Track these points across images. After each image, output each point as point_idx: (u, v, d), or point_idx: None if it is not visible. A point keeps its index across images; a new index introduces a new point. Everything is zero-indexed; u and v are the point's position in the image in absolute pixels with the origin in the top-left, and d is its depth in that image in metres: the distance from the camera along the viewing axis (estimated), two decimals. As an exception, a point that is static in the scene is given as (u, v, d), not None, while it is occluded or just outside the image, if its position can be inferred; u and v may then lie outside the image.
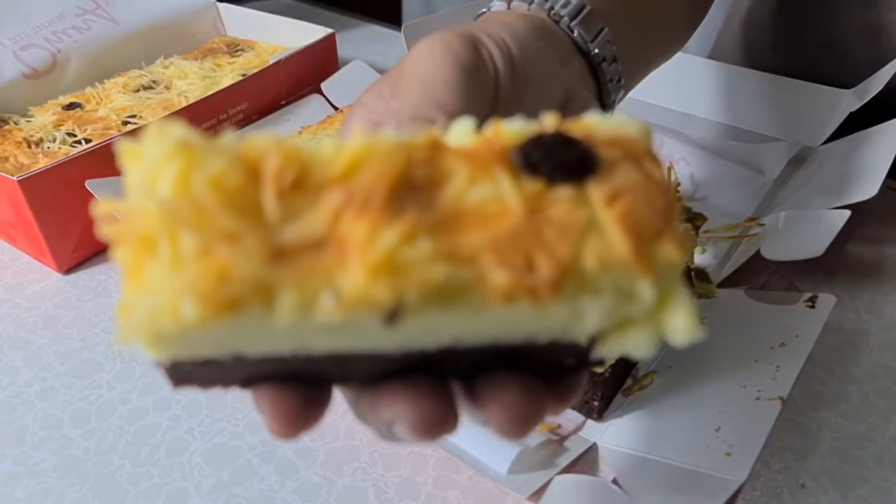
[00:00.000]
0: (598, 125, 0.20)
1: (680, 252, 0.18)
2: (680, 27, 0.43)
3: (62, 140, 0.58)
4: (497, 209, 0.18)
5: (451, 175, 0.18)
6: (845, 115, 0.54)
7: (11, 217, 0.52)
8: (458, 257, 0.17)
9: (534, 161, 0.18)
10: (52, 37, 0.65)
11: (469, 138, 0.20)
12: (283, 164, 0.17)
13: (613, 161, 0.19)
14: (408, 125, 0.25)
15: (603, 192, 0.18)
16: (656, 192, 0.18)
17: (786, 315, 0.43)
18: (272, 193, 0.17)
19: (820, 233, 0.42)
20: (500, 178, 0.18)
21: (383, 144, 0.18)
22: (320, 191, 0.17)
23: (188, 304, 0.16)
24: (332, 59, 0.70)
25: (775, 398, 0.37)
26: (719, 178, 0.56)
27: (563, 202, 0.18)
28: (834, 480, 0.38)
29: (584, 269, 0.17)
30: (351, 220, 0.17)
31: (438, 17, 0.65)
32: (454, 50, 0.27)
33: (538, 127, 0.20)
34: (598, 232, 0.18)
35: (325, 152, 0.18)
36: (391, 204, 0.17)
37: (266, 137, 0.18)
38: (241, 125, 0.63)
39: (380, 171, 0.17)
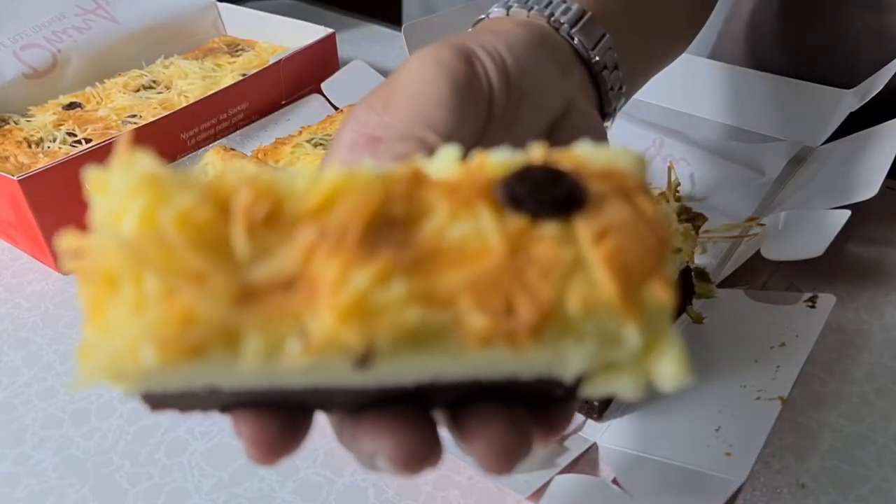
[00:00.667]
0: (590, 156, 0.19)
1: (670, 295, 0.17)
2: (682, 31, 0.42)
3: (62, 140, 0.58)
4: (477, 247, 0.17)
5: (431, 210, 0.17)
6: (845, 115, 0.54)
7: (11, 217, 0.52)
8: (434, 299, 0.16)
9: (518, 196, 0.17)
10: (53, 37, 0.65)
11: (452, 168, 0.19)
12: (255, 199, 0.17)
13: (603, 196, 0.18)
14: (397, 144, 0.24)
15: (590, 229, 0.17)
16: (647, 230, 0.17)
17: (786, 315, 0.43)
18: (242, 230, 0.16)
19: (820, 233, 0.42)
20: (481, 214, 0.17)
21: (360, 177, 0.17)
22: (293, 227, 0.17)
23: (148, 350, 0.15)
24: (332, 59, 0.70)
25: (775, 398, 0.37)
26: (719, 178, 0.56)
27: (547, 240, 0.17)
28: (834, 480, 0.38)
29: (566, 312, 0.16)
30: (323, 259, 0.16)
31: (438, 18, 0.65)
32: (446, 65, 0.26)
33: (525, 158, 0.19)
34: (584, 272, 0.17)
35: (300, 185, 0.17)
36: (366, 241, 0.16)
37: (238, 170, 0.18)
38: (241, 125, 0.63)
39: (355, 207, 0.17)
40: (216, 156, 0.52)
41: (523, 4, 0.32)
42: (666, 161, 0.57)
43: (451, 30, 0.65)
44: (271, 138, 0.58)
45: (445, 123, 0.25)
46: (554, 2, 0.32)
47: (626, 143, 0.35)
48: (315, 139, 0.55)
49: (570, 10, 0.32)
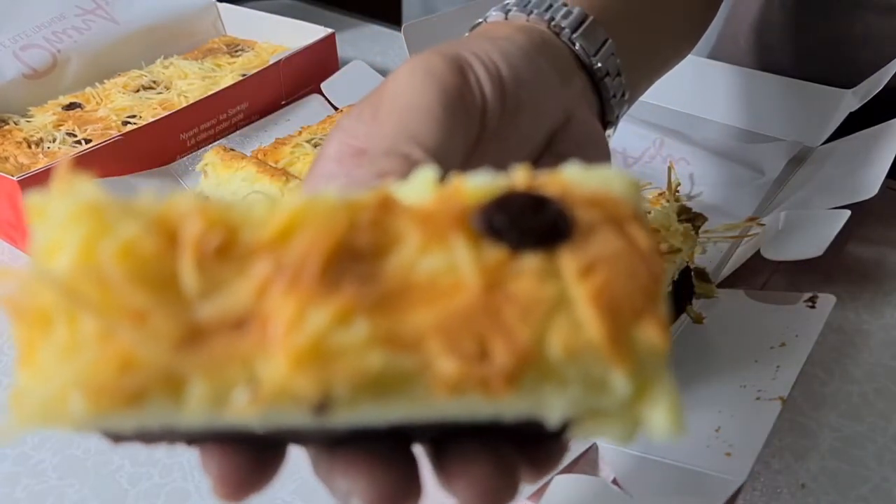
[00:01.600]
0: (579, 180, 0.17)
1: (663, 336, 0.15)
2: (686, 34, 0.41)
3: (62, 140, 0.58)
4: (450, 283, 0.15)
5: (401, 241, 0.16)
6: (845, 115, 0.54)
7: (11, 217, 0.52)
8: (400, 341, 0.15)
9: (497, 226, 0.16)
10: (52, 37, 0.65)
11: (427, 193, 0.17)
12: (206, 229, 0.15)
13: (592, 225, 0.16)
14: (380, 161, 0.23)
15: (576, 262, 0.15)
16: (639, 264, 0.16)
17: (786, 315, 0.43)
18: (190, 263, 0.15)
19: (820, 233, 0.42)
20: (456, 245, 0.16)
21: (322, 205, 0.16)
22: (247, 260, 0.15)
23: (78, 398, 0.14)
24: (332, 59, 0.70)
25: (775, 398, 0.37)
26: (719, 178, 0.56)
27: (528, 275, 0.15)
28: (834, 480, 0.38)
29: (547, 356, 0.15)
30: (278, 296, 0.15)
31: (438, 18, 0.65)
32: (437, 74, 0.25)
33: (506, 182, 0.17)
34: (568, 311, 0.15)
35: (257, 214, 0.16)
36: (327, 276, 0.15)
37: (189, 197, 0.16)
38: (240, 125, 0.63)
39: (315, 238, 0.15)
40: (216, 156, 0.52)
41: (522, 8, 0.31)
42: (666, 161, 0.57)
43: (451, 30, 0.65)
44: (271, 138, 0.58)
45: (433, 138, 0.23)
46: (554, 5, 0.31)
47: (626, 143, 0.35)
48: (315, 139, 0.55)
49: (572, 14, 0.31)
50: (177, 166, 0.58)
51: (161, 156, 0.57)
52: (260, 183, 0.49)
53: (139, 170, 0.55)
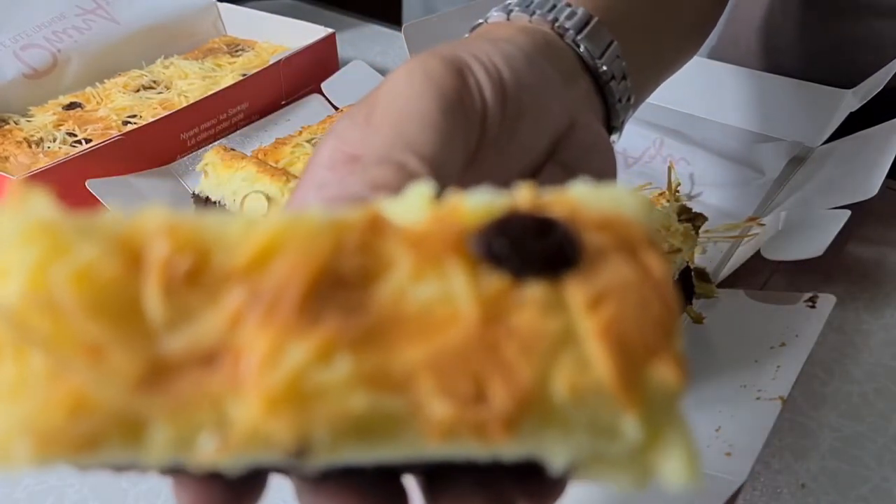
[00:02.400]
0: (587, 200, 0.16)
1: (680, 377, 0.14)
2: (691, 36, 0.40)
3: (62, 140, 0.58)
4: (444, 315, 0.14)
5: (391, 267, 0.14)
6: (845, 115, 0.54)
7: (11, 217, 0.52)
8: (388, 380, 0.13)
9: (497, 251, 0.14)
10: (53, 37, 0.65)
11: (421, 212, 0.15)
12: (175, 251, 0.14)
13: (601, 251, 0.15)
14: (373, 170, 0.21)
15: (584, 293, 0.14)
16: (653, 295, 0.14)
17: (786, 315, 0.43)
18: (156, 289, 0.13)
19: (820, 233, 0.42)
20: (452, 272, 0.14)
21: (304, 226, 0.14)
22: (219, 287, 0.14)
23: (23, 444, 0.13)
24: (332, 59, 0.70)
25: (775, 398, 0.37)
26: (719, 178, 0.56)
27: (531, 306, 0.14)
28: (834, 480, 0.38)
29: (551, 398, 0.14)
30: (253, 329, 0.13)
31: (438, 18, 0.65)
32: (435, 78, 0.23)
33: (508, 202, 0.16)
34: (575, 348, 0.14)
35: (233, 233, 0.14)
36: (307, 307, 0.13)
37: (156, 214, 0.14)
38: (241, 125, 0.63)
39: (295, 264, 0.14)
40: (216, 156, 0.52)
41: (524, 8, 0.30)
42: (666, 161, 0.57)
43: (451, 30, 0.65)
44: (271, 138, 0.58)
45: (430, 145, 0.22)
46: (558, 5, 0.30)
47: (627, 143, 0.34)
48: (315, 139, 0.55)
49: (576, 15, 0.29)
50: (177, 166, 0.58)
51: (161, 156, 0.57)
52: (260, 183, 0.49)
53: (139, 170, 0.55)
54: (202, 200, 0.53)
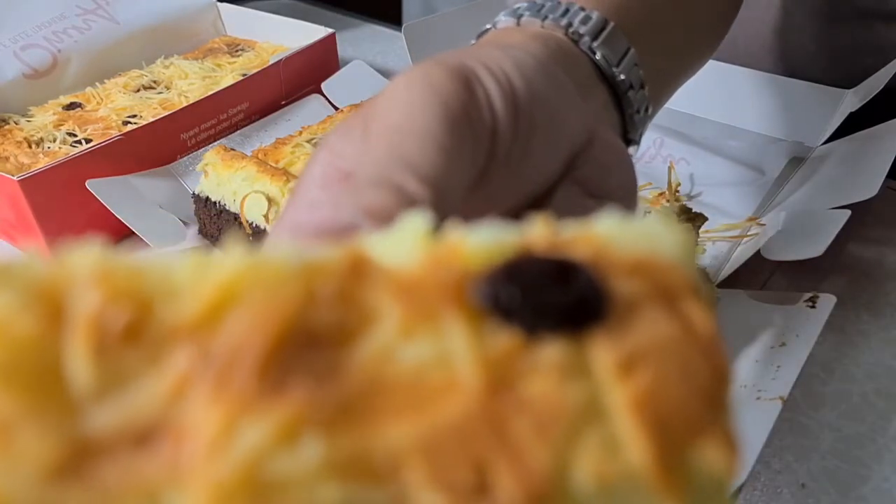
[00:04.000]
0: (615, 237, 0.13)
1: (731, 460, 0.12)
2: (708, 39, 0.38)
3: (62, 140, 0.58)
4: (440, 383, 0.11)
5: (375, 322, 0.12)
6: (845, 115, 0.54)
7: (11, 217, 0.52)
8: (368, 468, 0.11)
9: (506, 303, 0.12)
10: (53, 37, 0.65)
11: (415, 251, 0.13)
12: (108, 303, 0.11)
13: (633, 302, 0.12)
14: (368, 192, 0.19)
15: (613, 354, 0.12)
16: (697, 357, 0.12)
17: (786, 315, 0.43)
18: (82, 351, 0.11)
19: (820, 233, 0.42)
20: (449, 329, 0.12)
21: (270, 270, 0.12)
22: (162, 347, 0.11)
23: None
24: (332, 59, 0.70)
25: (775, 398, 0.37)
26: (719, 178, 0.56)
27: (547, 372, 0.11)
28: (834, 480, 0.38)
29: (572, 487, 0.11)
30: (201, 401, 0.11)
31: (438, 18, 0.65)
32: (438, 88, 0.21)
33: (519, 240, 0.13)
34: (602, 424, 0.11)
35: (180, 280, 0.12)
36: (269, 373, 0.11)
37: (87, 256, 0.12)
38: (241, 125, 0.63)
39: (257, 319, 0.11)
40: (216, 156, 0.52)
41: (536, 13, 0.28)
42: (666, 161, 0.57)
43: (451, 30, 0.65)
44: (271, 138, 0.58)
45: (431, 165, 0.19)
46: (571, 10, 0.28)
47: None
48: (315, 139, 0.55)
49: (591, 20, 0.27)
50: (177, 166, 0.58)
51: (161, 156, 0.57)
52: (260, 183, 0.49)
53: (139, 170, 0.55)
54: (202, 200, 0.53)
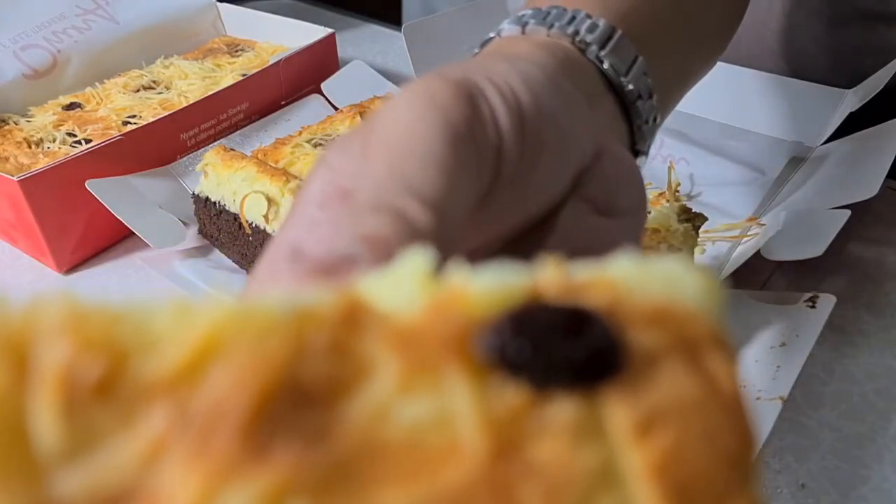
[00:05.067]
0: (633, 282, 0.12)
1: None
2: (715, 44, 0.37)
3: (62, 140, 0.58)
4: (440, 445, 0.10)
5: (370, 376, 0.11)
6: (845, 115, 0.54)
7: (11, 217, 0.52)
8: None
9: (513, 356, 0.11)
10: (53, 37, 0.65)
11: (415, 294, 0.12)
12: (79, 354, 0.10)
13: (653, 355, 0.11)
14: (367, 217, 0.18)
15: (630, 414, 0.11)
16: (721, 418, 0.11)
17: (786, 315, 0.43)
18: (49, 408, 0.10)
19: (820, 233, 0.42)
20: (451, 385, 0.11)
21: (257, 319, 0.11)
22: (137, 404, 0.10)
23: None
24: (332, 59, 0.70)
25: (775, 398, 0.37)
26: (719, 178, 0.56)
27: (558, 433, 0.10)
28: (834, 480, 0.38)
29: None
30: (178, 465, 0.10)
31: (438, 18, 0.65)
32: (441, 105, 0.20)
33: (529, 284, 0.12)
34: (617, 492, 0.10)
35: (159, 329, 0.11)
36: (254, 434, 0.10)
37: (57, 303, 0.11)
38: (241, 125, 0.63)
39: (241, 373, 0.10)
40: (216, 156, 0.52)
41: (541, 21, 0.27)
42: (666, 161, 0.57)
43: (451, 30, 0.65)
44: (271, 138, 0.58)
45: (434, 187, 0.18)
46: (577, 17, 0.27)
47: None
48: (315, 139, 0.55)
49: (598, 28, 0.26)
50: (177, 166, 0.58)
51: (161, 156, 0.57)
52: (260, 183, 0.49)
53: (139, 170, 0.55)
54: (202, 200, 0.53)
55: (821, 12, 0.62)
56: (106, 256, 0.55)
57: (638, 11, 0.29)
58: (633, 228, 0.24)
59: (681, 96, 0.34)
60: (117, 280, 0.53)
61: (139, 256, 0.53)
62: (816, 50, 0.63)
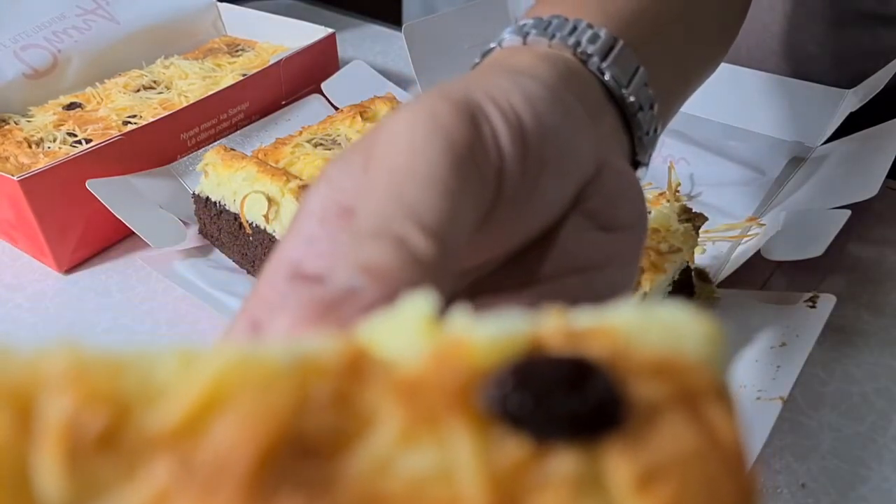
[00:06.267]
0: (634, 331, 0.12)
1: None
2: (715, 51, 0.36)
3: (62, 140, 0.58)
4: (441, 498, 0.10)
5: (373, 426, 0.11)
6: (845, 115, 0.54)
7: (12, 217, 0.52)
8: None
9: (515, 409, 0.11)
10: (53, 37, 0.66)
11: (418, 342, 0.12)
12: (82, 407, 0.10)
13: (654, 407, 0.11)
14: (368, 246, 0.18)
15: (631, 467, 0.11)
16: (722, 472, 0.11)
17: (786, 315, 0.43)
18: (53, 461, 0.10)
19: (820, 233, 0.42)
20: (452, 436, 0.11)
21: (260, 369, 0.11)
22: (141, 455, 0.10)
23: None
24: (332, 59, 0.70)
25: (775, 398, 0.37)
26: (719, 178, 0.56)
27: (558, 487, 0.11)
28: (834, 480, 0.38)
29: None
30: None
31: (438, 18, 0.65)
32: (443, 127, 0.20)
33: (530, 334, 0.12)
34: None
35: (162, 378, 0.11)
36: (259, 485, 0.10)
37: (60, 354, 0.11)
38: (241, 125, 0.63)
39: (245, 426, 0.10)
40: (217, 156, 0.52)
41: (542, 31, 0.26)
42: (666, 161, 0.57)
43: (451, 30, 0.65)
44: (271, 138, 0.58)
45: (435, 212, 0.18)
46: (579, 27, 0.26)
47: None
48: (315, 139, 0.55)
49: (600, 39, 0.26)
50: (177, 166, 0.58)
51: (161, 156, 0.57)
52: (260, 183, 0.49)
53: (139, 170, 0.55)
54: (202, 200, 0.53)
55: (822, 13, 0.62)
56: (106, 256, 0.55)
57: (640, 19, 0.29)
58: (634, 243, 0.24)
59: (681, 104, 0.34)
60: (117, 280, 0.53)
61: (139, 256, 0.53)
62: (817, 51, 0.63)
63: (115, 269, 0.54)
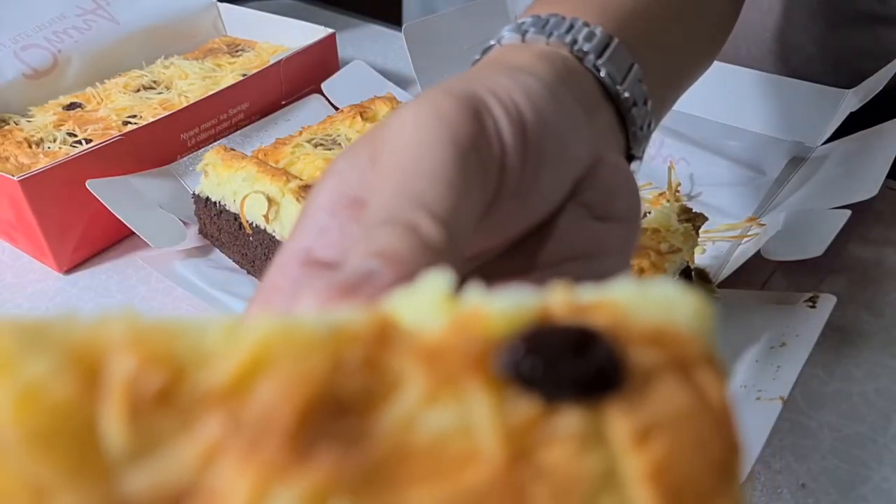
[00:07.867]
0: (633, 305, 0.13)
1: None
2: (708, 48, 0.37)
3: (62, 140, 0.58)
4: (462, 451, 0.12)
5: (399, 388, 0.12)
6: (845, 115, 0.54)
7: (12, 217, 0.52)
8: None
9: (527, 373, 0.12)
10: (53, 37, 0.66)
11: (437, 313, 0.13)
12: (143, 367, 0.12)
13: (650, 372, 0.13)
14: (380, 233, 0.19)
15: (629, 424, 0.12)
16: (710, 428, 0.12)
17: (786, 315, 0.43)
18: (117, 416, 0.11)
19: (820, 233, 0.42)
20: (472, 397, 0.12)
21: (299, 336, 0.12)
22: (194, 411, 0.12)
23: None
24: (332, 59, 0.70)
25: (775, 398, 0.37)
26: (719, 178, 0.56)
27: (565, 441, 0.12)
28: (834, 480, 0.38)
29: None
30: (231, 467, 0.11)
31: (438, 18, 0.65)
32: (448, 122, 0.21)
33: (539, 307, 0.13)
34: (617, 493, 0.12)
35: (211, 343, 0.12)
36: (299, 440, 0.11)
37: (121, 320, 0.12)
38: (241, 125, 0.63)
39: (286, 387, 0.12)
40: (217, 156, 0.52)
41: (540, 29, 0.27)
42: (666, 161, 0.57)
43: (451, 30, 0.65)
44: (271, 138, 0.58)
45: (443, 202, 0.19)
46: (576, 25, 0.27)
47: None
48: (315, 139, 0.55)
49: (595, 36, 0.27)
50: (177, 166, 0.58)
51: (161, 156, 0.57)
52: (260, 183, 0.49)
53: (139, 170, 0.55)
54: (202, 200, 0.53)
55: (821, 14, 0.62)
56: (106, 256, 0.55)
57: (636, 18, 0.29)
58: (629, 233, 0.25)
59: (675, 99, 0.34)
60: (117, 280, 0.53)
61: (139, 256, 0.53)
62: (816, 51, 0.63)
63: (115, 269, 0.54)
